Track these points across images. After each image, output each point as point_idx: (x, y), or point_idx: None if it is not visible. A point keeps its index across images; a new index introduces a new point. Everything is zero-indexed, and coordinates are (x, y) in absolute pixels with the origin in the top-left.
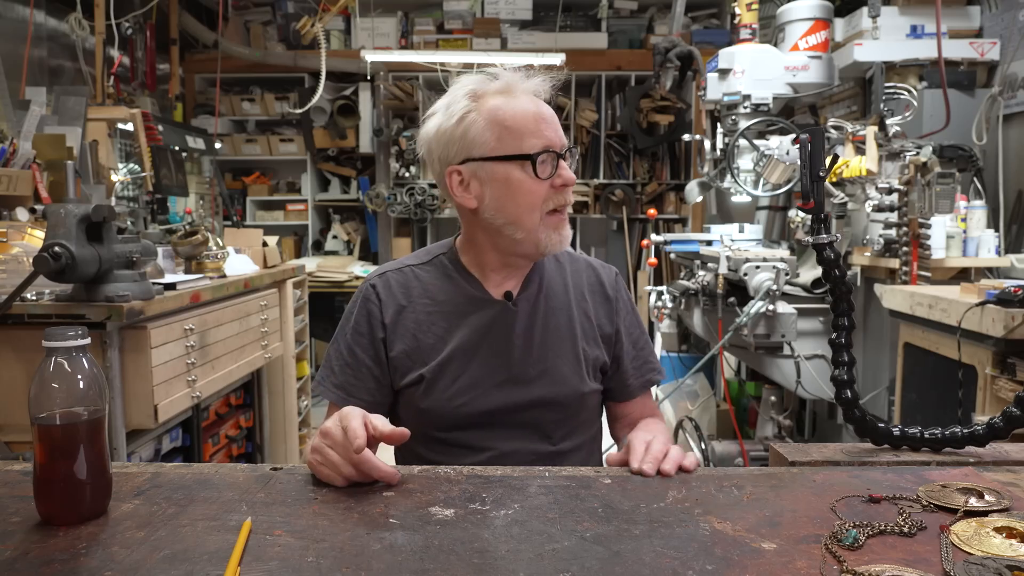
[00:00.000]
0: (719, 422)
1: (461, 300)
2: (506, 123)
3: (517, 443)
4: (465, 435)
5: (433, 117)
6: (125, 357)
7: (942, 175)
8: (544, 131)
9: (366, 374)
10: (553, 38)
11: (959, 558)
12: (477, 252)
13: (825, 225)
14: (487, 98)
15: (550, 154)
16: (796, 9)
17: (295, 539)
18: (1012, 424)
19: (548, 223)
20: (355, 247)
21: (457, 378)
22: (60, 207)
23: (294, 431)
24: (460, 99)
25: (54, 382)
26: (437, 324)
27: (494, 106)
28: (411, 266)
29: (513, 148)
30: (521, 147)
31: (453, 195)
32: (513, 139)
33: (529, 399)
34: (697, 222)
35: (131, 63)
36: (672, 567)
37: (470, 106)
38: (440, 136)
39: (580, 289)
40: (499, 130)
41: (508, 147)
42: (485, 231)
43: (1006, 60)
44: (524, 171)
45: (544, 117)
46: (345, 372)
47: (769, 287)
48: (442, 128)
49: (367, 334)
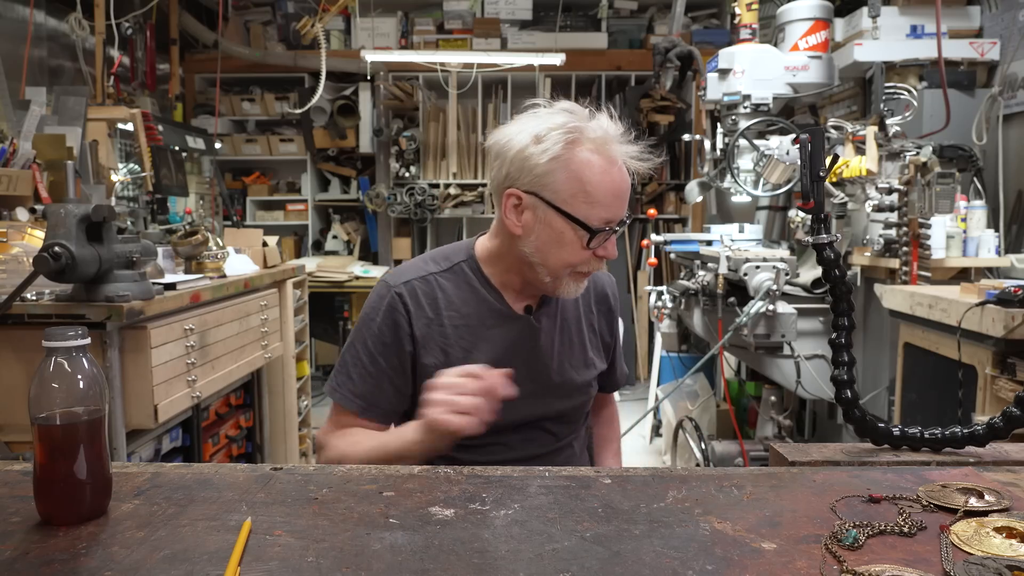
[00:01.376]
0: (719, 422)
1: (486, 313)
2: (587, 187)
3: (531, 448)
4: (484, 440)
5: (519, 135)
6: (125, 357)
7: (942, 175)
8: (615, 209)
9: (387, 384)
10: (553, 38)
11: (959, 558)
12: (503, 269)
13: (825, 225)
14: (580, 147)
15: (609, 231)
16: (796, 9)
17: (295, 539)
18: (1012, 424)
19: (574, 277)
20: (355, 247)
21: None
22: (60, 207)
23: (294, 431)
24: (555, 135)
25: (54, 382)
26: (464, 338)
27: (584, 161)
28: (433, 274)
29: (581, 213)
30: (588, 216)
31: (504, 214)
32: (585, 204)
33: (550, 411)
34: (697, 222)
35: (131, 63)
36: (672, 567)
37: (562, 151)
38: (518, 158)
39: (588, 302)
40: (578, 189)
41: (577, 209)
42: (516, 256)
43: (1006, 60)
44: (577, 235)
45: (621, 194)
46: (366, 381)
47: (769, 287)
48: (525, 153)
49: (392, 344)
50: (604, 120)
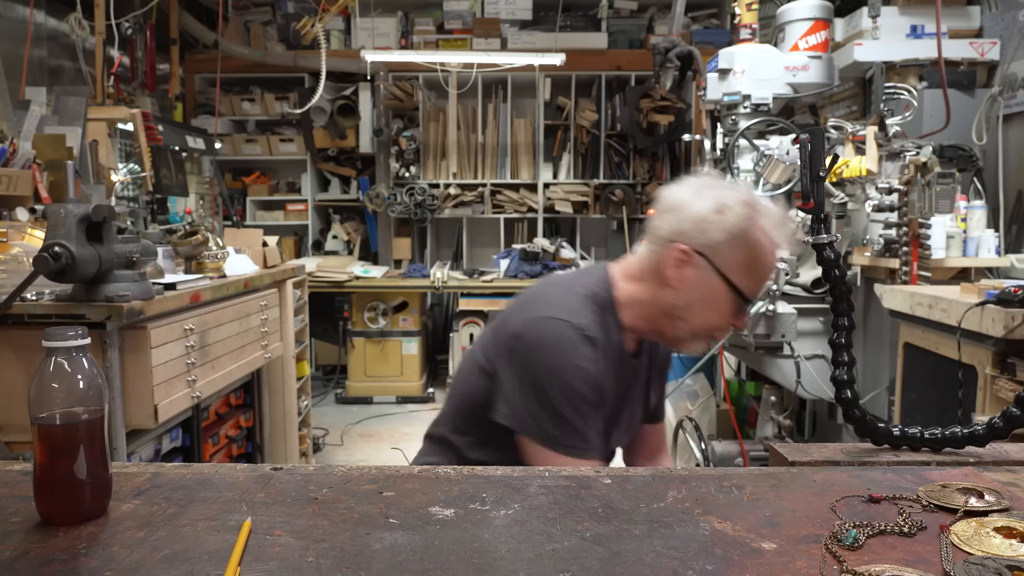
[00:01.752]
0: (719, 422)
1: (616, 352)
2: (755, 261)
3: None
4: None
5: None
6: (125, 357)
7: (942, 175)
8: (764, 284)
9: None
10: (553, 38)
11: (959, 558)
12: (637, 314)
13: (825, 225)
14: (757, 227)
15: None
16: (796, 9)
17: (295, 539)
18: (1012, 424)
19: (706, 339)
20: (355, 247)
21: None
22: (60, 207)
23: (294, 431)
24: (737, 210)
25: (54, 382)
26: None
27: (758, 241)
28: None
29: (742, 283)
30: (748, 287)
31: (664, 265)
32: (748, 277)
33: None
34: None
35: (131, 63)
36: (672, 567)
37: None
38: (698, 219)
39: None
40: (748, 260)
41: (740, 278)
42: (659, 306)
43: (1006, 60)
44: (731, 302)
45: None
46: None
47: (769, 287)
48: (706, 217)
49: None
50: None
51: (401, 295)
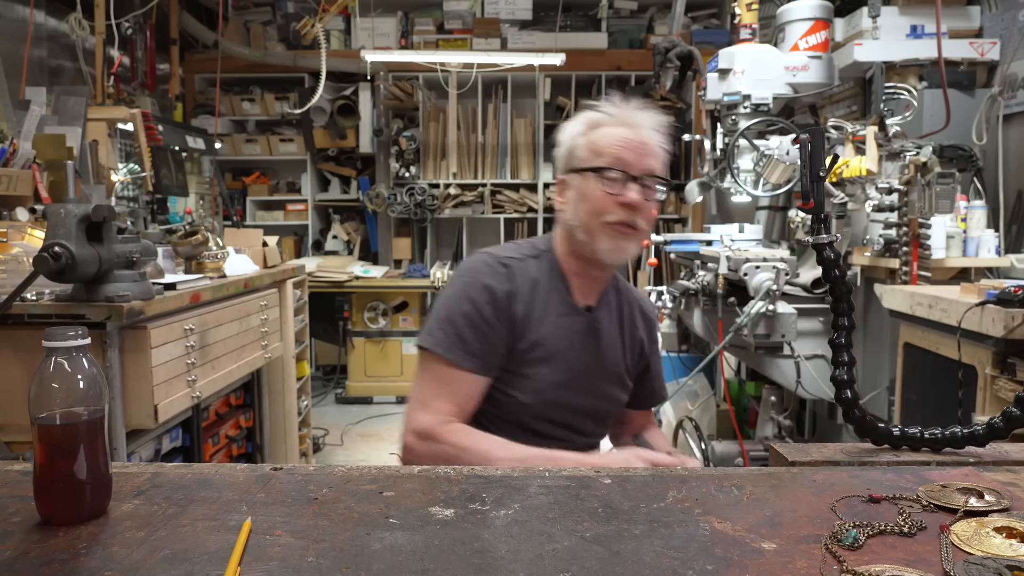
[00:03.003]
0: (719, 422)
1: (559, 302)
2: (598, 142)
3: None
4: (542, 427)
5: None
6: (125, 357)
7: (942, 175)
8: (623, 153)
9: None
10: (553, 38)
11: (959, 558)
12: (566, 253)
13: (825, 225)
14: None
15: (620, 173)
16: (796, 9)
17: (295, 539)
18: (1012, 424)
19: (606, 231)
20: (355, 247)
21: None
22: (60, 207)
23: (294, 431)
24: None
25: (54, 382)
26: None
27: (598, 132)
28: (527, 255)
29: (594, 162)
30: (598, 161)
31: (555, 204)
32: (595, 155)
33: (594, 408)
34: (697, 222)
35: (131, 63)
36: (672, 567)
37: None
38: (561, 153)
39: (632, 314)
40: (590, 148)
41: (591, 160)
42: (567, 233)
43: (1006, 60)
44: (596, 182)
45: (632, 142)
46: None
47: (769, 287)
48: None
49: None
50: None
51: (401, 295)
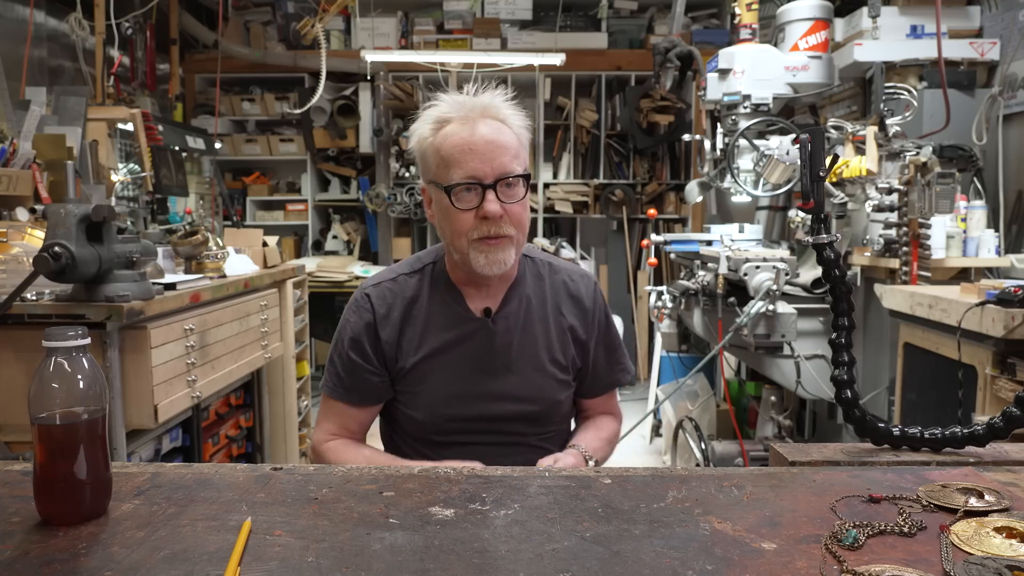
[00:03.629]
0: (719, 422)
1: (445, 314)
2: (442, 152)
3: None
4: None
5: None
6: (125, 357)
7: (942, 175)
8: (468, 162)
9: (369, 375)
10: (553, 38)
11: (959, 558)
12: (451, 267)
13: (825, 225)
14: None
15: (472, 186)
16: (796, 9)
17: (295, 539)
18: (1012, 424)
19: (476, 247)
20: (355, 247)
21: (438, 387)
22: (60, 207)
23: (294, 431)
24: (426, 125)
25: (54, 382)
26: (424, 337)
27: (442, 135)
28: (404, 275)
29: (443, 177)
30: (446, 177)
31: (427, 211)
32: (444, 168)
33: (509, 412)
34: (697, 222)
35: (131, 63)
36: (672, 567)
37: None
38: (416, 158)
39: (557, 301)
40: (438, 158)
41: (441, 175)
42: (446, 247)
43: (1006, 60)
44: (451, 198)
45: (474, 147)
46: (352, 375)
47: (769, 287)
48: (415, 152)
49: (365, 341)
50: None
51: None
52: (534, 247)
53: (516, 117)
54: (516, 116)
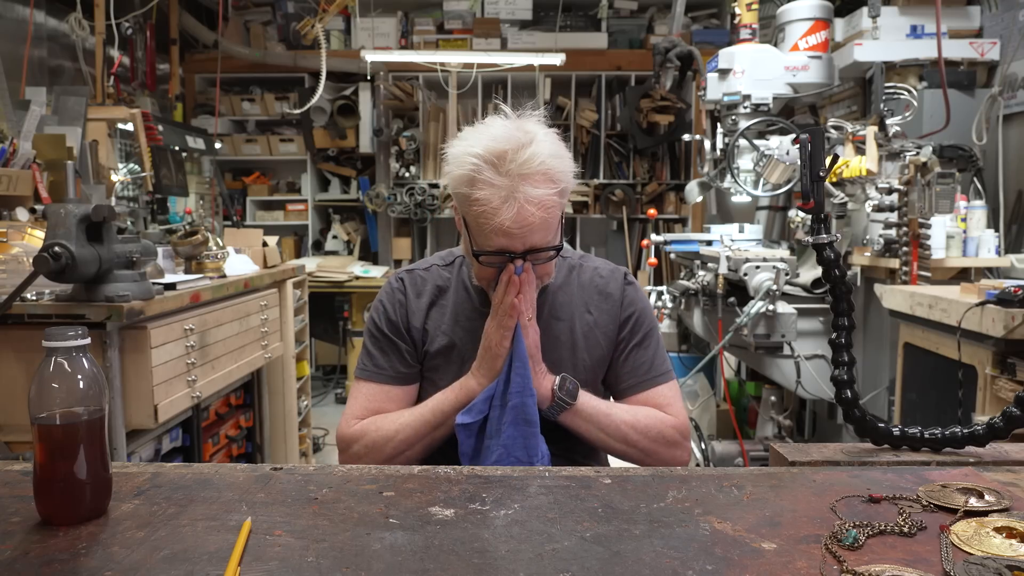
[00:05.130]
0: (719, 422)
1: (470, 308)
2: (473, 212)
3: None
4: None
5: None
6: (125, 357)
7: (942, 175)
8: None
9: (403, 354)
10: (553, 38)
11: (959, 558)
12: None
13: (825, 225)
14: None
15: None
16: (796, 9)
17: (295, 539)
18: (1012, 424)
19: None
20: (355, 247)
21: (461, 374)
22: (60, 207)
23: (294, 431)
24: (461, 169)
25: (54, 382)
26: (451, 327)
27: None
28: (436, 266)
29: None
30: (475, 238)
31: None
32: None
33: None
34: (697, 222)
35: (131, 63)
36: (672, 567)
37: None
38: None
39: (585, 299)
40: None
41: (469, 228)
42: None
43: (1006, 60)
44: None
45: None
46: (386, 354)
47: (769, 287)
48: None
49: (397, 323)
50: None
51: None
52: (564, 245)
53: (562, 162)
54: (563, 161)
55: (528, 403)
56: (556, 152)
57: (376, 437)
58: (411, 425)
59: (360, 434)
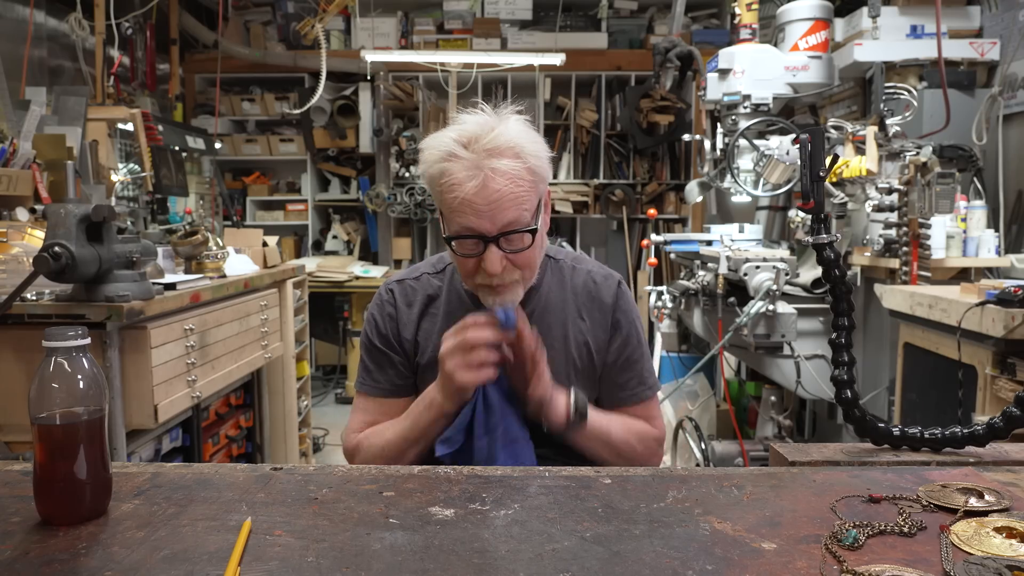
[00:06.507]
0: (719, 422)
1: (457, 311)
2: (445, 199)
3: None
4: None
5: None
6: (125, 357)
7: (942, 175)
8: (468, 216)
9: (396, 367)
10: (553, 38)
11: (959, 558)
12: None
13: (825, 225)
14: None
15: (474, 240)
16: (796, 9)
17: (295, 539)
18: (1012, 424)
19: (481, 290)
20: (355, 247)
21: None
22: (60, 207)
23: (294, 431)
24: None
25: (54, 382)
26: (433, 326)
27: (446, 177)
28: (426, 274)
29: (445, 220)
30: (447, 224)
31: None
32: (447, 212)
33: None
34: (697, 222)
35: (131, 63)
36: (672, 567)
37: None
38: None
39: (578, 305)
40: (439, 200)
41: (443, 216)
42: None
43: (1006, 60)
44: (451, 247)
45: (474, 204)
46: (380, 368)
47: (769, 287)
48: (420, 160)
49: (387, 335)
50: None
51: None
52: (558, 248)
53: (533, 144)
54: (533, 143)
55: (510, 424)
56: (527, 134)
57: (368, 455)
58: (394, 443)
59: (356, 449)
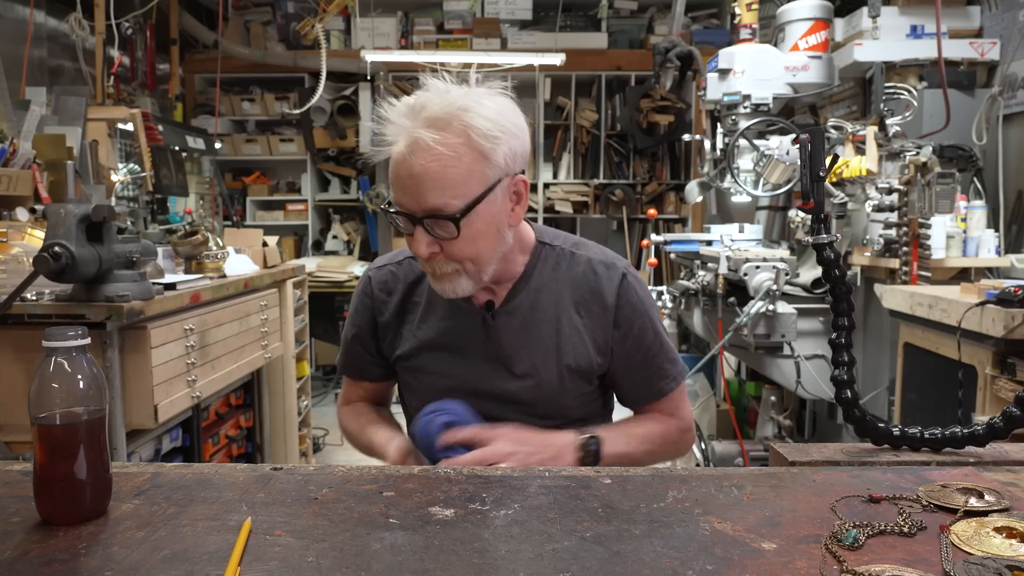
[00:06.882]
0: (719, 422)
1: (443, 301)
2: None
3: None
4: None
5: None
6: (125, 357)
7: (942, 175)
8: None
9: (366, 351)
10: (553, 38)
11: (959, 558)
12: None
13: (825, 225)
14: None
15: (404, 217)
16: (796, 9)
17: (295, 539)
18: (1012, 424)
19: (428, 274)
20: (355, 247)
21: (434, 381)
22: (60, 207)
23: (294, 431)
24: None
25: (54, 382)
26: (424, 321)
27: (395, 151)
28: (409, 258)
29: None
30: (394, 196)
31: None
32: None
33: (508, 417)
34: (697, 222)
35: (131, 63)
36: (672, 567)
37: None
38: None
39: (575, 297)
40: (389, 174)
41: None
42: None
43: (1006, 60)
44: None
45: (405, 180)
46: (353, 349)
47: (769, 287)
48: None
49: (364, 320)
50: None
51: None
52: (558, 232)
53: (498, 125)
54: (498, 123)
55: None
56: (495, 113)
57: (347, 434)
58: (355, 440)
59: (339, 419)
